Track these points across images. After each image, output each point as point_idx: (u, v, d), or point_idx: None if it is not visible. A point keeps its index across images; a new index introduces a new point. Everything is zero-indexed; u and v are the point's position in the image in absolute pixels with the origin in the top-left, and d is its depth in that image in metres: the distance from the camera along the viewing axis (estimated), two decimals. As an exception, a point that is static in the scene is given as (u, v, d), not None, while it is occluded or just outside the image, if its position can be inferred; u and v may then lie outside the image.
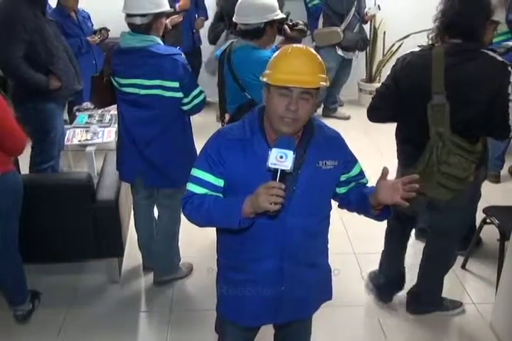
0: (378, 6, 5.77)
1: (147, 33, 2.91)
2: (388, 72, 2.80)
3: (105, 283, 3.46)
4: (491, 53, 2.59)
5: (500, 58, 2.59)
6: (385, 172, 1.88)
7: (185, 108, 2.99)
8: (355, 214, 2.10)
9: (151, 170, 3.12)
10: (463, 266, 3.61)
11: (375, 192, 1.89)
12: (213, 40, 5.57)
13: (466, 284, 3.49)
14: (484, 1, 2.60)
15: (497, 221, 3.30)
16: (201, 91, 3.01)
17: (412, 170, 2.64)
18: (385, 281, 3.28)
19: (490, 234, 3.52)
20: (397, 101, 2.73)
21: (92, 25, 5.09)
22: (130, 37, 2.93)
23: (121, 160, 3.23)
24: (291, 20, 3.27)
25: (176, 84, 2.89)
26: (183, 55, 2.97)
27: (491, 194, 4.45)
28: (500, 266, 3.14)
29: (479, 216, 3.46)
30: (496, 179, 4.76)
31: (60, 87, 3.76)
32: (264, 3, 2.97)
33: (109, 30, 4.92)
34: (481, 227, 3.47)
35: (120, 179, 3.35)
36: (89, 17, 5.04)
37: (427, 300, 3.19)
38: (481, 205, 3.53)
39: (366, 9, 5.71)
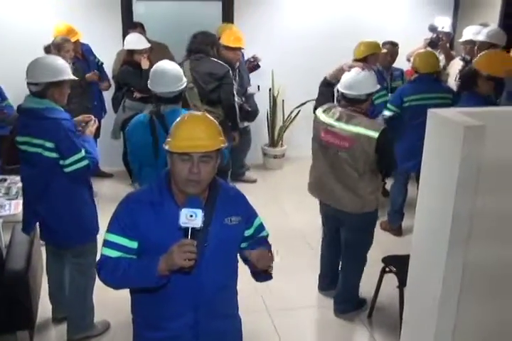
0: (258, 86, 6.14)
1: (42, 98, 3.16)
2: (290, 138, 3.35)
3: (16, 358, 3.34)
4: None
5: None
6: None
7: (65, 170, 3.14)
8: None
9: (42, 225, 3.35)
10: (369, 316, 3.80)
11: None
12: (115, 107, 5.78)
13: (374, 332, 3.67)
14: None
15: (395, 269, 3.55)
16: (84, 157, 3.14)
17: None
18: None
19: (391, 281, 3.75)
20: None
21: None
22: (29, 99, 3.21)
23: (24, 214, 3.41)
24: None
25: (52, 145, 3.10)
26: (71, 122, 3.19)
27: (390, 245, 4.74)
28: (401, 312, 3.35)
29: (379, 265, 3.70)
30: (398, 232, 5.05)
31: None
32: (177, 71, 3.41)
33: None
34: (381, 276, 3.70)
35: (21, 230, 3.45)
36: None
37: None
38: (381, 256, 3.79)
39: (248, 87, 5.95)
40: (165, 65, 3.46)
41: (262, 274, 2.11)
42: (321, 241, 3.99)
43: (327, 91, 3.72)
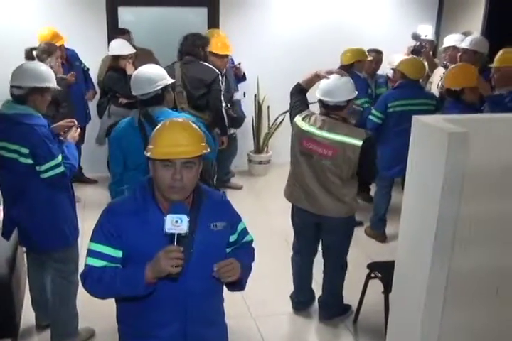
0: (244, 93, 6.15)
1: (22, 104, 3.14)
2: (275, 144, 3.24)
3: (-2, 367, 3.31)
4: None
5: None
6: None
7: (41, 176, 3.12)
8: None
9: (19, 230, 3.33)
10: (354, 321, 3.81)
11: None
12: (100, 113, 5.75)
13: (359, 338, 3.67)
14: None
15: (380, 275, 3.56)
16: (59, 164, 3.13)
17: None
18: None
19: (376, 287, 3.77)
20: None
21: None
22: (7, 105, 3.20)
23: (3, 219, 3.42)
24: None
25: (27, 151, 3.08)
26: (47, 128, 3.16)
27: (375, 251, 4.77)
28: (386, 318, 3.37)
29: (364, 271, 3.71)
30: (382, 238, 5.07)
31: None
32: (152, 74, 3.37)
33: None
34: (366, 282, 3.70)
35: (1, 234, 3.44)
36: None
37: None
38: (366, 262, 3.81)
39: (234, 93, 5.94)
40: (142, 68, 3.46)
41: (235, 283, 2.07)
42: (291, 260, 3.92)
43: (303, 98, 3.68)
